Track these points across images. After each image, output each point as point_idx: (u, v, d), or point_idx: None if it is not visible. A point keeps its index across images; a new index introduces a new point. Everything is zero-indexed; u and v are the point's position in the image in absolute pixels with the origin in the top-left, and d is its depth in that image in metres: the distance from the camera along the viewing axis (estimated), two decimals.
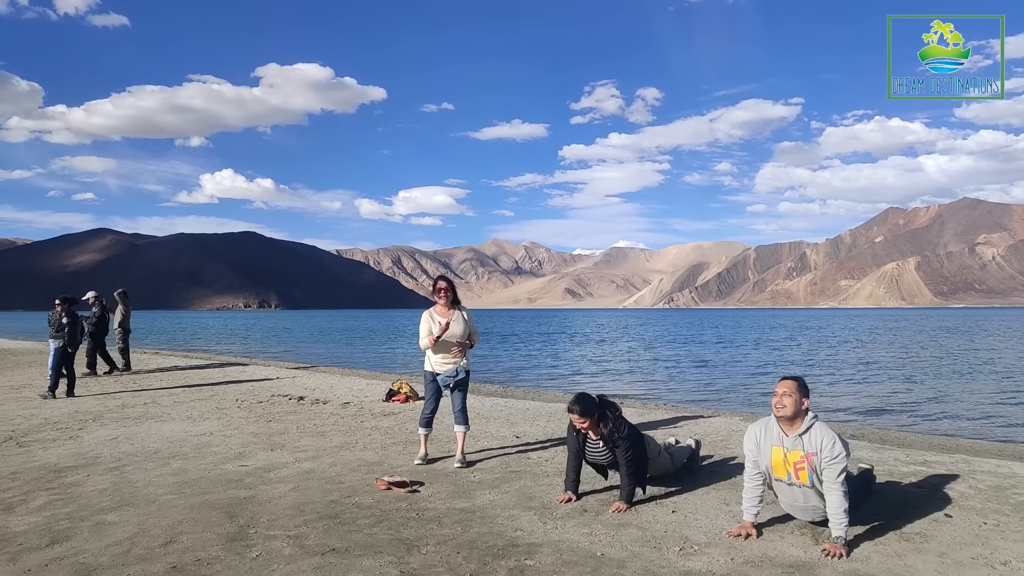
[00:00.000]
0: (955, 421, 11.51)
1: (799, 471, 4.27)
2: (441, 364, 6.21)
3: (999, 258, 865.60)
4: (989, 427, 10.81)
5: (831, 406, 13.33)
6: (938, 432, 10.16)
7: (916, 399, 14.47)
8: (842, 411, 12.67)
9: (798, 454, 4.24)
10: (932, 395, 15.10)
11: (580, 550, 4.12)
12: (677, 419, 8.97)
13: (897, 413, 12.47)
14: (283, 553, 4.12)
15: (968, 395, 15.00)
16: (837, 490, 4.11)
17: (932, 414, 12.30)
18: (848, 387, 16.95)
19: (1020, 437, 9.77)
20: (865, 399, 14.57)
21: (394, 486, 5.50)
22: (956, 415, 12.20)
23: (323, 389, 11.95)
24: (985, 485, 5.39)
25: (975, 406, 13.34)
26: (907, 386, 16.97)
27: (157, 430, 8.17)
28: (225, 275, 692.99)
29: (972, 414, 12.30)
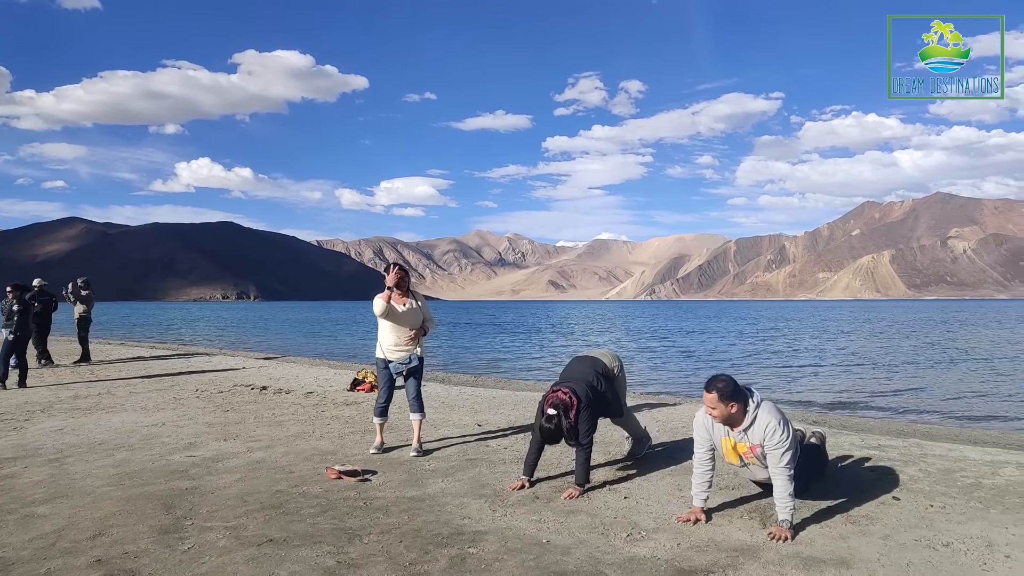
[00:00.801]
0: (918, 407, 11.60)
1: (749, 457, 4.24)
2: (394, 351, 6.08)
3: (970, 251, 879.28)
4: (949, 413, 10.91)
5: (802, 394, 13.40)
6: (899, 418, 10.23)
7: (884, 386, 14.60)
8: (810, 398, 12.73)
9: (744, 446, 4.21)
10: (901, 382, 15.25)
11: (526, 537, 4.04)
12: (641, 406, 8.91)
13: (862, 400, 12.56)
14: (217, 545, 3.99)
15: (937, 383, 15.16)
16: (783, 474, 4.06)
17: (896, 400, 12.41)
18: (821, 375, 17.07)
19: (977, 422, 9.84)
20: (835, 387, 14.67)
21: (345, 475, 5.38)
22: (920, 401, 12.32)
23: (288, 379, 11.77)
24: (935, 468, 5.38)
25: (940, 393, 13.48)
26: (878, 374, 17.14)
27: (106, 421, 7.96)
28: (202, 266, 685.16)
29: (935, 401, 12.42)
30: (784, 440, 4.08)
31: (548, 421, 4.81)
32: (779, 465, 4.07)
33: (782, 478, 4.06)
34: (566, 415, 4.79)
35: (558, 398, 4.87)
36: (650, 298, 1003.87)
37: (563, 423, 4.78)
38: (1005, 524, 4.16)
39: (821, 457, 5.00)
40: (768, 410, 4.18)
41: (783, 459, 4.06)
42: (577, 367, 5.36)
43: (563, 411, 4.79)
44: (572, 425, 4.83)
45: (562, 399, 4.85)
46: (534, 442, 5.08)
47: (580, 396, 4.93)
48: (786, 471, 4.05)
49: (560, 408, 4.81)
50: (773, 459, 4.09)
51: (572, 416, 4.82)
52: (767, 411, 4.17)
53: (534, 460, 5.10)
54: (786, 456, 4.07)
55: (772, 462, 4.11)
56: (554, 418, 4.80)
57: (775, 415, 4.15)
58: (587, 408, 4.92)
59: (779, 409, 4.24)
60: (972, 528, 4.09)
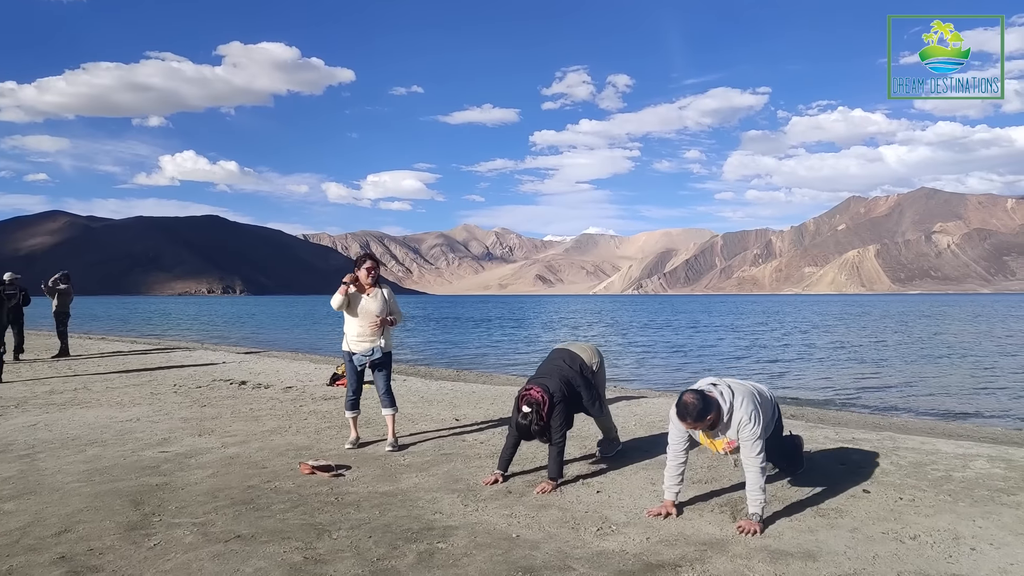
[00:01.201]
0: (895, 401, 11.64)
1: (728, 450, 4.24)
2: (357, 343, 6.04)
3: (954, 246, 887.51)
4: (927, 407, 10.96)
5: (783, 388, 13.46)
6: (876, 412, 10.28)
7: (864, 381, 14.70)
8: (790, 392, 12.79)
9: (722, 442, 4.21)
10: (881, 377, 15.36)
11: (496, 532, 4.02)
12: (619, 400, 8.92)
13: (841, 393, 12.63)
14: (184, 541, 3.95)
15: (916, 377, 15.27)
16: (754, 467, 4.06)
17: (875, 394, 12.48)
18: (802, 369, 17.16)
19: (954, 417, 9.92)
20: (815, 381, 14.75)
21: (318, 470, 5.35)
22: (898, 396, 12.37)
23: (268, 373, 11.70)
24: (906, 461, 5.41)
25: (919, 387, 13.58)
26: (859, 368, 17.24)
27: (80, 416, 7.87)
28: (187, 260, 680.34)
29: (914, 395, 12.49)
30: (756, 433, 4.08)
31: (524, 418, 4.81)
32: (751, 456, 4.07)
33: (753, 471, 4.06)
34: (539, 414, 4.77)
35: (532, 396, 4.85)
36: (637, 292, 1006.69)
37: (536, 421, 4.77)
38: (973, 517, 4.18)
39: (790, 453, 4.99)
40: (742, 405, 4.15)
41: (754, 450, 4.07)
42: (555, 361, 5.34)
43: (536, 410, 4.78)
44: (545, 424, 4.82)
45: (535, 398, 4.84)
46: (511, 437, 5.07)
47: (553, 393, 4.91)
48: (757, 463, 4.06)
49: (534, 407, 4.79)
50: (745, 450, 4.09)
51: (544, 414, 4.80)
52: (741, 406, 4.14)
53: (509, 455, 5.10)
54: (757, 446, 4.07)
55: (744, 453, 4.11)
56: (529, 415, 4.79)
57: (748, 408, 4.13)
58: (560, 405, 4.91)
59: (753, 398, 4.21)
60: (940, 521, 4.11)
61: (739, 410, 4.14)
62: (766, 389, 4.65)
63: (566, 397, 4.99)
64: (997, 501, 4.48)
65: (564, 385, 5.03)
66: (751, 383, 4.53)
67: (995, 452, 5.79)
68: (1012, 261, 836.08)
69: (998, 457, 5.59)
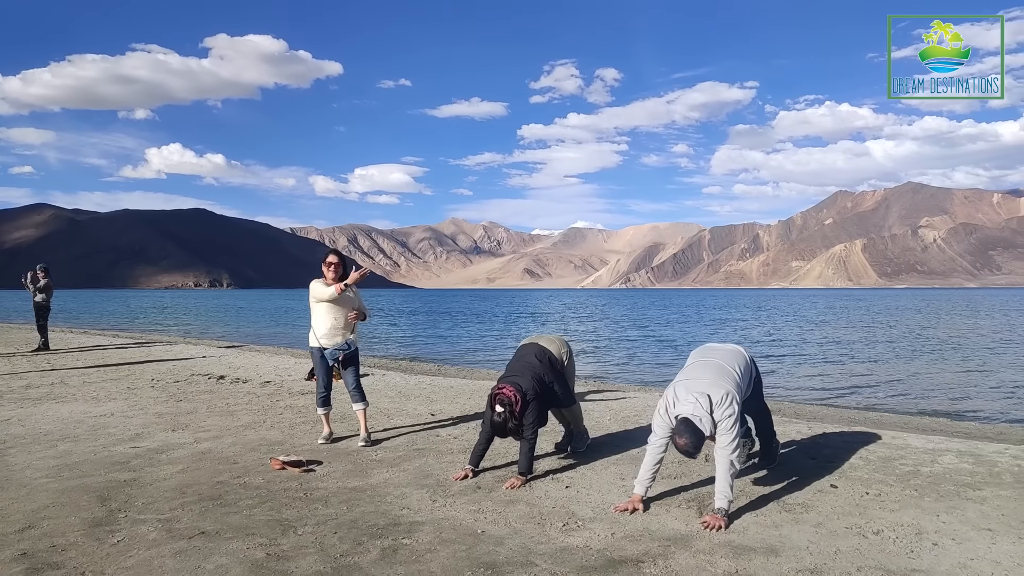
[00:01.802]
0: (871, 396, 11.71)
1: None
2: (329, 337, 6.00)
3: (940, 241, 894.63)
4: (902, 402, 11.05)
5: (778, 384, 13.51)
6: (851, 406, 10.35)
7: (842, 375, 14.80)
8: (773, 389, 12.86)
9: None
10: (860, 371, 15.47)
11: (462, 528, 4.02)
12: (595, 393, 8.93)
13: (818, 388, 12.71)
14: (147, 538, 3.92)
15: (895, 372, 15.38)
16: (725, 461, 4.07)
17: (852, 389, 12.55)
18: (782, 363, 17.25)
19: (927, 412, 9.98)
20: (794, 375, 14.84)
21: (289, 465, 5.32)
22: (874, 390, 12.45)
23: (248, 368, 11.64)
24: (875, 456, 5.45)
25: (897, 382, 13.67)
26: (838, 363, 17.36)
27: (55, 411, 7.81)
28: (174, 253, 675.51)
29: (891, 389, 12.57)
30: (732, 430, 4.09)
31: (498, 417, 4.81)
32: (723, 449, 4.08)
33: (723, 463, 4.07)
34: (512, 412, 4.77)
35: (504, 396, 4.84)
36: (625, 286, 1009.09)
37: (510, 420, 4.77)
38: (937, 512, 4.21)
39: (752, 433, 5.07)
40: (722, 405, 4.16)
41: (729, 444, 4.07)
42: (525, 358, 5.32)
43: (509, 408, 4.77)
44: (518, 423, 4.81)
45: (508, 397, 4.83)
46: (484, 433, 5.07)
47: (526, 392, 4.90)
48: (728, 455, 4.06)
49: (507, 406, 4.79)
50: (719, 443, 4.10)
51: (518, 412, 4.80)
52: (721, 407, 4.15)
53: (482, 451, 5.10)
54: (733, 442, 4.07)
55: (718, 445, 4.12)
56: (503, 414, 4.79)
57: (732, 408, 4.16)
58: (533, 403, 4.90)
59: (733, 395, 4.22)
60: (904, 516, 4.14)
61: (719, 410, 4.14)
62: (745, 352, 4.74)
63: (539, 395, 4.98)
64: (962, 496, 4.51)
65: (536, 383, 5.02)
66: (731, 355, 4.58)
67: (965, 447, 5.83)
68: (998, 256, 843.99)
69: (967, 452, 5.63)
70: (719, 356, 4.62)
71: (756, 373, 4.81)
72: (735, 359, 4.60)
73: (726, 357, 4.59)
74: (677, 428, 4.13)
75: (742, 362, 4.62)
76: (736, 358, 4.63)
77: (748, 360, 4.73)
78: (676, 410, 4.19)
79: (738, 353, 4.73)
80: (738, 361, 4.59)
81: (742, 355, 4.72)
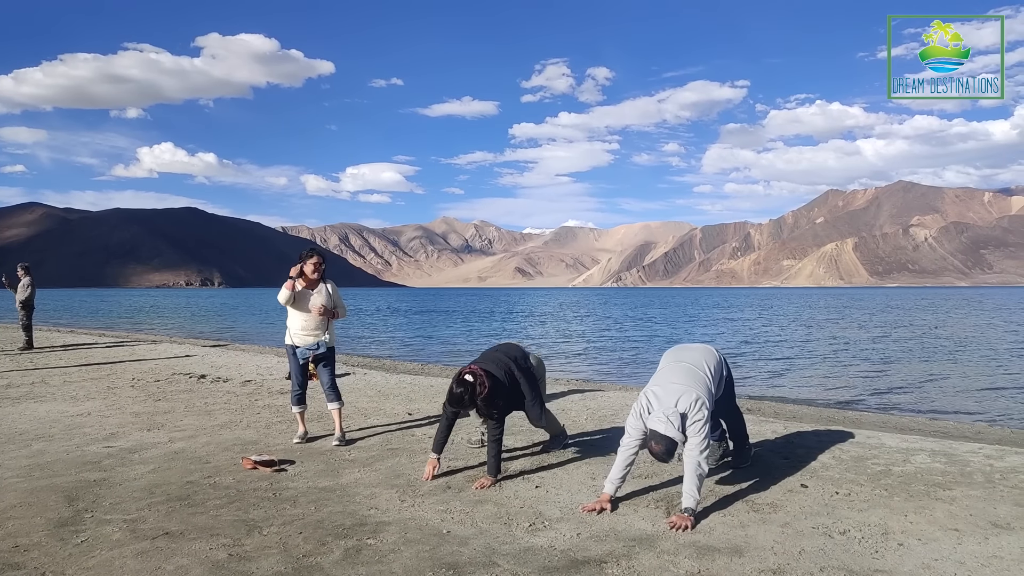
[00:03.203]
0: (852, 395, 11.71)
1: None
2: (301, 335, 5.98)
3: (931, 239, 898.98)
4: (882, 401, 11.05)
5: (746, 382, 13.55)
6: (832, 405, 10.37)
7: (827, 374, 14.84)
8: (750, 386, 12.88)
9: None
10: (844, 370, 15.51)
11: (428, 528, 4.00)
12: (574, 392, 8.90)
13: (800, 387, 12.72)
14: (111, 538, 3.89)
15: (880, 370, 15.43)
16: (693, 461, 4.06)
17: (833, 388, 12.57)
18: (768, 362, 17.28)
19: (905, 411, 10.00)
20: (778, 375, 14.87)
21: (260, 465, 5.30)
22: (856, 389, 12.44)
23: (230, 367, 11.58)
24: (848, 456, 5.45)
25: (881, 380, 13.72)
26: (823, 361, 17.40)
27: (32, 411, 7.75)
28: (165, 252, 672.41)
29: (872, 388, 12.58)
30: (703, 432, 4.09)
31: (459, 385, 4.72)
32: (693, 450, 4.07)
33: (692, 463, 4.06)
34: (474, 391, 4.71)
35: (472, 370, 4.82)
36: (616, 285, 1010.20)
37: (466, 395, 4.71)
38: (905, 512, 4.21)
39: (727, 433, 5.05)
40: (696, 410, 4.16)
41: (699, 445, 4.07)
42: (494, 352, 5.30)
43: (472, 387, 4.72)
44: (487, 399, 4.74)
45: (475, 371, 4.79)
46: (444, 419, 5.03)
47: (496, 377, 4.87)
48: (697, 455, 4.05)
49: (469, 384, 4.72)
50: (690, 444, 4.09)
51: (484, 395, 4.74)
52: (695, 412, 4.15)
53: (444, 437, 5.04)
54: (703, 443, 4.07)
55: (688, 445, 4.11)
56: (465, 383, 4.73)
57: (703, 412, 4.15)
58: (500, 392, 4.85)
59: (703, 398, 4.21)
60: (872, 516, 4.14)
61: (690, 427, 4.14)
62: (716, 352, 4.73)
63: (506, 386, 4.95)
64: (932, 496, 4.51)
65: (507, 375, 5.00)
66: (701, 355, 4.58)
67: (939, 447, 5.84)
68: (989, 254, 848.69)
69: (940, 451, 5.64)
70: (690, 358, 4.61)
71: (727, 373, 4.80)
72: (706, 359, 4.60)
73: (696, 359, 4.59)
74: (652, 435, 4.12)
75: (713, 362, 4.62)
76: (707, 358, 4.63)
77: (719, 359, 4.73)
78: (649, 424, 4.17)
79: (709, 353, 4.73)
80: (709, 361, 4.59)
81: (713, 354, 4.72)
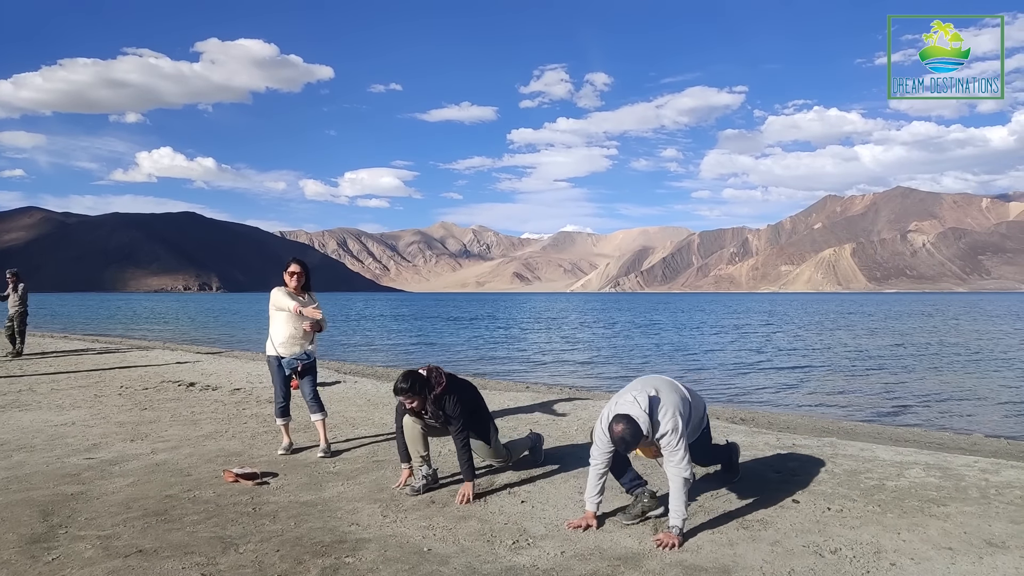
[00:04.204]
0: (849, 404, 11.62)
1: (657, 454, 4.13)
2: (287, 346, 5.87)
3: (929, 245, 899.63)
4: (879, 411, 10.94)
5: (740, 390, 13.46)
6: (827, 415, 10.27)
7: (824, 383, 14.75)
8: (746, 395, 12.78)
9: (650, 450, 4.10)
10: (842, 379, 15.42)
11: (408, 545, 3.90)
12: (566, 400, 8.78)
13: (798, 396, 12.64)
14: (83, 556, 3.79)
15: (878, 380, 15.34)
16: (677, 477, 3.96)
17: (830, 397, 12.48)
18: (766, 371, 17.19)
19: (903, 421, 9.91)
20: (776, 383, 14.78)
21: (242, 478, 5.19)
22: (853, 398, 12.35)
23: (220, 375, 11.45)
24: (841, 469, 5.33)
25: (878, 390, 13.63)
26: (822, 370, 17.31)
27: (17, 420, 7.64)
28: (163, 256, 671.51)
29: (869, 397, 12.48)
30: (677, 442, 3.97)
31: (405, 379, 4.60)
32: (673, 466, 3.97)
33: (677, 480, 3.96)
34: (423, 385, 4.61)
35: (426, 367, 4.76)
36: (615, 290, 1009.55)
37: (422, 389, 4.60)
38: (898, 529, 4.11)
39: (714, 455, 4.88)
40: (663, 414, 4.02)
41: (675, 456, 3.96)
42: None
43: (423, 380, 4.62)
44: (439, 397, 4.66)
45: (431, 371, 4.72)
46: (396, 422, 4.95)
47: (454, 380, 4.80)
48: (681, 472, 3.95)
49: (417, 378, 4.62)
50: (667, 459, 3.99)
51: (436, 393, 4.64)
52: (664, 416, 4.02)
53: (403, 444, 4.95)
54: (678, 454, 3.96)
55: (666, 462, 4.01)
56: (415, 375, 4.62)
57: (669, 417, 4.01)
58: (456, 395, 4.73)
59: (677, 405, 4.09)
60: (864, 533, 4.04)
61: (661, 421, 4.02)
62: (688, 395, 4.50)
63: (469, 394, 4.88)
64: (926, 512, 4.41)
65: (464, 384, 4.93)
66: (680, 384, 4.42)
67: (934, 460, 5.73)
68: (987, 260, 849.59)
69: (935, 465, 5.53)
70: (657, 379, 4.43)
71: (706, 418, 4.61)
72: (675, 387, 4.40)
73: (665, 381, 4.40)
74: (616, 417, 4.00)
75: (683, 392, 4.41)
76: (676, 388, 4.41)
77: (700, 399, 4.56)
78: (615, 411, 4.05)
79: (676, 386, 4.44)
80: (679, 390, 4.38)
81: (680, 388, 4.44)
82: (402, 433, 4.95)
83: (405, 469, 4.95)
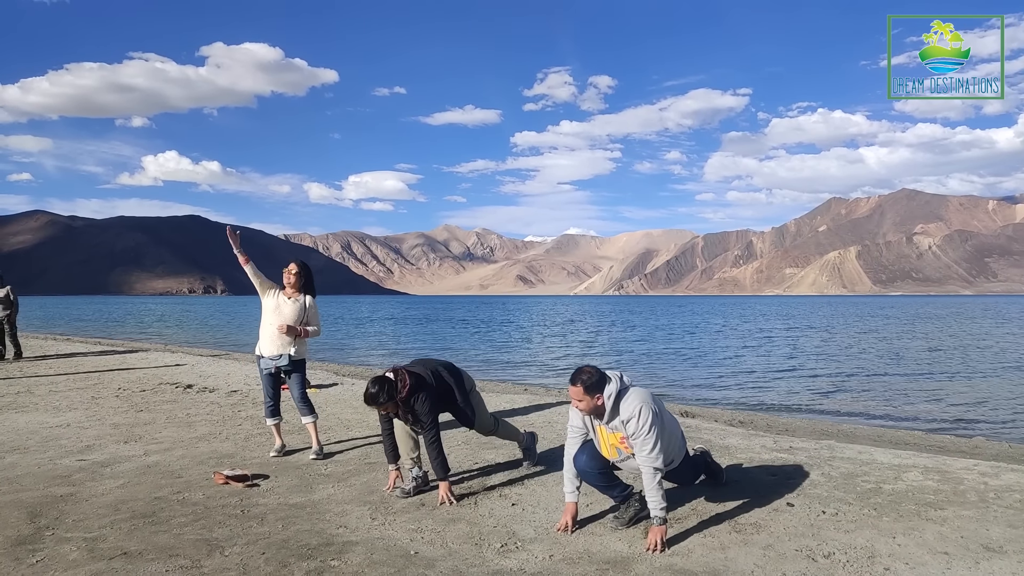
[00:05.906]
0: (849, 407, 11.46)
1: (625, 449, 4.06)
2: (267, 346, 5.83)
3: (935, 247, 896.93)
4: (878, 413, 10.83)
5: (739, 393, 13.38)
6: (826, 418, 10.17)
7: (825, 386, 14.65)
8: (744, 397, 12.71)
9: (617, 437, 4.04)
10: (842, 382, 15.32)
11: (395, 549, 3.85)
12: (557, 404, 8.70)
13: (798, 399, 12.51)
14: (68, 558, 3.76)
15: (879, 382, 15.24)
16: (648, 468, 3.88)
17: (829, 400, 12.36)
18: (768, 374, 17.10)
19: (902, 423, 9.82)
20: (775, 386, 14.69)
21: (232, 480, 5.15)
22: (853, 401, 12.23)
23: (218, 377, 11.43)
24: (838, 472, 5.26)
25: (879, 392, 13.52)
26: (824, 372, 17.20)
27: (12, 421, 7.63)
28: (168, 259, 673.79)
29: (870, 400, 12.36)
30: (646, 429, 3.88)
31: (374, 384, 4.56)
32: (642, 455, 3.90)
33: (647, 470, 3.89)
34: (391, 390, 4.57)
35: (392, 369, 4.71)
36: (618, 293, 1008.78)
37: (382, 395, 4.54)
38: (894, 533, 4.04)
39: (697, 468, 4.78)
40: (632, 398, 3.96)
41: (644, 447, 3.88)
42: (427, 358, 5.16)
43: (388, 386, 4.57)
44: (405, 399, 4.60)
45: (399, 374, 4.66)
46: (381, 425, 4.94)
47: (420, 377, 4.72)
48: (651, 462, 3.88)
49: (385, 382, 4.57)
50: (639, 451, 3.92)
51: (403, 394, 4.59)
52: (628, 403, 3.94)
53: (390, 445, 4.92)
54: (647, 444, 3.88)
55: (636, 452, 3.94)
56: (382, 380, 4.58)
57: (638, 403, 3.93)
58: (425, 392, 4.68)
59: (650, 398, 4.02)
60: (858, 537, 3.97)
61: (627, 404, 3.94)
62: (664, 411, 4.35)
63: (433, 387, 4.78)
64: (922, 516, 4.33)
65: (432, 375, 4.85)
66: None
67: (932, 463, 5.66)
68: (993, 263, 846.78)
69: (934, 468, 5.46)
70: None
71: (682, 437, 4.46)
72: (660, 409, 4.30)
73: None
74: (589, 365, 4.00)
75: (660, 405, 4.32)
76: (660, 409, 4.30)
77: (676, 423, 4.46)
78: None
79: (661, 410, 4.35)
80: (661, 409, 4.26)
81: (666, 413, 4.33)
82: (388, 435, 4.92)
83: (393, 470, 4.92)
